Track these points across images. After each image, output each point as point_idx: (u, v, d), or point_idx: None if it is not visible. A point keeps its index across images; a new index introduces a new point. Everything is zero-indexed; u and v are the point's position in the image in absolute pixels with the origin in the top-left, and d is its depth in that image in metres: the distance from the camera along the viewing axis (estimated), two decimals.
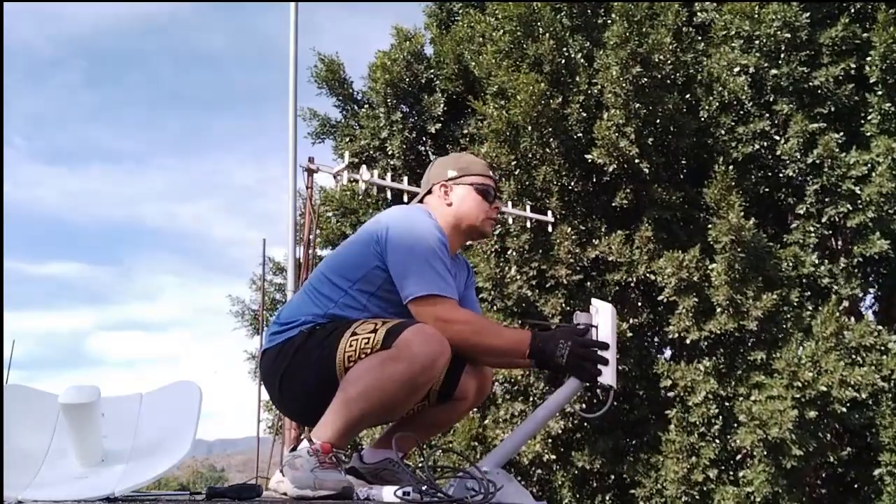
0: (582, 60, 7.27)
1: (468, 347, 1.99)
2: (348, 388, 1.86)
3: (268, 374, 2.08)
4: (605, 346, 1.97)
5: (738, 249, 6.55)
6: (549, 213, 6.87)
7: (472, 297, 2.35)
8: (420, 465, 1.80)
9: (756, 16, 7.05)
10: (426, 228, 2.05)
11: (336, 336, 1.94)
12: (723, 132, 7.18)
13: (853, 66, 7.03)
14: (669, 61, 6.93)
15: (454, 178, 2.21)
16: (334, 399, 1.87)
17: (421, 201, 2.27)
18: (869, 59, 6.93)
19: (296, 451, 1.86)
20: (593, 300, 2.09)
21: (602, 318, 2.03)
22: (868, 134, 7.02)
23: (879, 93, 6.93)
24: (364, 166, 6.13)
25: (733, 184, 6.71)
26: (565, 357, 1.94)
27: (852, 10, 7.26)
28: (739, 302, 6.59)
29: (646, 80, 6.83)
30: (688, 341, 6.85)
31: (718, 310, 6.67)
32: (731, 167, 6.79)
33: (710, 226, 6.83)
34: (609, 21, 7.27)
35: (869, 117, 7.03)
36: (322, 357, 1.94)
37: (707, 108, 7.24)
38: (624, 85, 6.82)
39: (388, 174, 6.54)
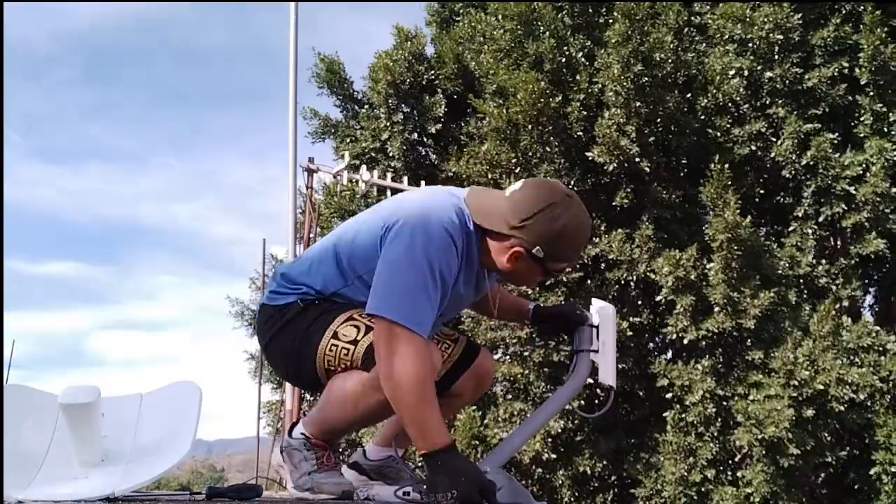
0: (583, 59, 7.27)
1: (393, 402, 1.68)
2: (334, 404, 1.82)
3: (260, 331, 2.02)
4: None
5: (735, 247, 6.55)
6: None
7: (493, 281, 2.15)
8: (421, 464, 1.80)
9: (748, 19, 7.05)
10: (432, 239, 1.73)
11: (322, 323, 1.85)
12: (718, 134, 7.18)
13: (846, 66, 7.03)
14: (670, 60, 6.93)
15: (535, 253, 1.78)
16: (322, 401, 1.85)
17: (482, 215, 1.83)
18: (858, 61, 6.93)
19: (292, 435, 1.87)
20: (594, 300, 2.09)
21: (602, 319, 2.03)
22: (861, 135, 7.03)
23: (871, 94, 6.95)
24: (364, 167, 6.13)
25: (729, 182, 6.71)
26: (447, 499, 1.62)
27: (843, 11, 7.26)
28: (737, 300, 6.59)
29: (647, 79, 6.82)
30: (685, 341, 6.85)
31: (716, 308, 6.67)
32: (727, 166, 6.79)
33: (706, 224, 6.83)
34: (610, 20, 7.26)
35: (862, 118, 7.04)
36: (305, 343, 1.87)
37: (703, 109, 7.24)
38: (625, 84, 6.81)
39: (389, 175, 6.53)
